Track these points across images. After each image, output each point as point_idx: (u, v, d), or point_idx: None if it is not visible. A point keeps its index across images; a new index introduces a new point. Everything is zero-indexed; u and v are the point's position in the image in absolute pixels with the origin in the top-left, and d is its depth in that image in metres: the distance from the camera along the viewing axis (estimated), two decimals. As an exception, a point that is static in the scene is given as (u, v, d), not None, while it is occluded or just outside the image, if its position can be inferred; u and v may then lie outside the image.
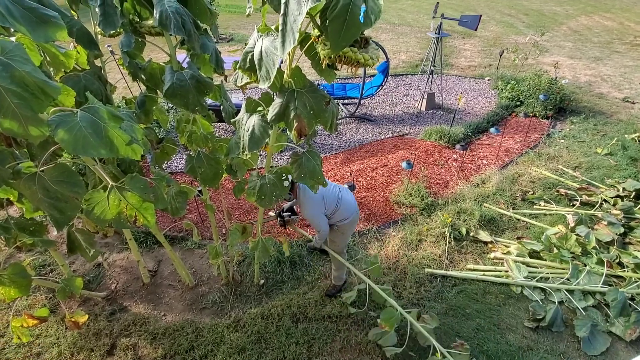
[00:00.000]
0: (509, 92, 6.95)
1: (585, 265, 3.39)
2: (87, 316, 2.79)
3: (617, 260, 3.41)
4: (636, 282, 3.19)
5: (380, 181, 4.77)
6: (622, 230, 3.66)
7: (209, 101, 4.91)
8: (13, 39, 1.39)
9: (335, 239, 2.94)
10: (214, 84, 2.24)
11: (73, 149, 1.25)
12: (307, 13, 1.24)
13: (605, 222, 3.75)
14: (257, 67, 1.61)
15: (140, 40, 2.16)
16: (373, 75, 6.91)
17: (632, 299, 3.06)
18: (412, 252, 3.70)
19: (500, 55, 8.07)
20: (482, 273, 3.49)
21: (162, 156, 2.80)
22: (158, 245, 3.78)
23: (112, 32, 1.84)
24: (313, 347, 2.84)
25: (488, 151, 5.51)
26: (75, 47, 2.01)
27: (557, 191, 4.54)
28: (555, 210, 4.20)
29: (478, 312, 3.11)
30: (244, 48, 1.85)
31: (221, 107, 2.61)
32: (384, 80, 6.34)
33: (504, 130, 6.00)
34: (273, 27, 1.70)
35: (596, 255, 3.46)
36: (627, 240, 3.69)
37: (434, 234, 3.86)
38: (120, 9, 1.86)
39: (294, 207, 3.05)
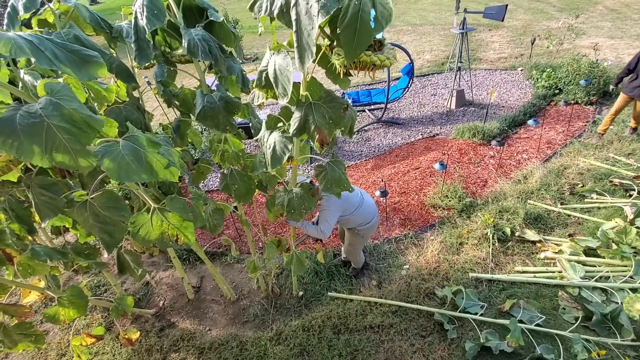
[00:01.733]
0: (545, 81, 6.57)
1: (652, 261, 3.06)
2: (139, 333, 2.94)
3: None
4: None
5: (414, 184, 4.65)
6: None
7: (238, 120, 5.09)
8: (60, 80, 1.53)
9: (355, 242, 3.09)
10: (241, 103, 2.32)
11: (117, 176, 1.33)
12: (320, 26, 1.26)
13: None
14: (273, 85, 1.65)
15: (172, 69, 2.29)
16: (398, 79, 6.83)
17: None
18: (454, 257, 3.55)
19: (532, 43, 7.67)
20: (532, 275, 3.27)
21: (198, 176, 2.93)
22: (200, 262, 3.92)
23: (146, 64, 1.97)
24: (356, 359, 2.79)
25: (527, 145, 5.21)
26: (115, 82, 2.18)
27: (610, 182, 4.19)
28: (610, 203, 3.87)
29: (531, 318, 2.91)
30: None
31: (250, 124, 2.69)
32: (409, 83, 6.24)
33: (543, 121, 5.66)
34: (285, 43, 1.75)
35: (663, 249, 3.13)
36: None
37: (475, 236, 3.68)
38: (152, 42, 1.99)
39: None
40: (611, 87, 5.17)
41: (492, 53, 8.82)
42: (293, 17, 1.24)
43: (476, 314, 2.96)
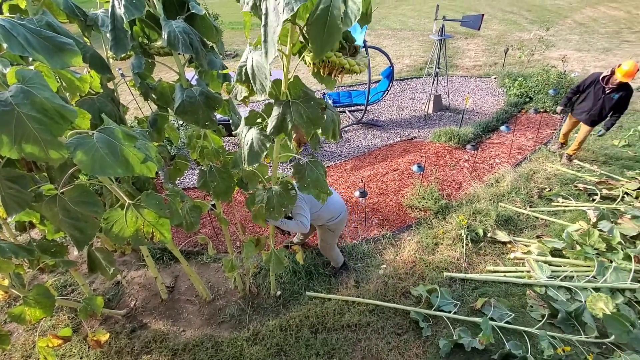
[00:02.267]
0: (517, 89, 6.87)
1: (612, 262, 3.27)
2: (108, 334, 2.82)
3: (644, 255, 3.28)
4: (667, 276, 3.06)
5: (392, 186, 4.74)
6: (645, 223, 3.53)
7: (218, 116, 5.00)
8: (32, 67, 1.45)
9: (327, 238, 3.16)
10: (222, 99, 2.28)
11: (91, 170, 1.28)
12: (295, 23, 1.25)
13: (629, 216, 3.62)
14: (251, 81, 1.64)
15: (150, 61, 2.22)
16: (378, 81, 6.93)
17: (664, 294, 2.93)
18: (429, 256, 3.64)
19: (506, 53, 8.00)
20: (502, 274, 3.40)
21: (175, 172, 2.86)
22: (174, 261, 3.82)
23: (123, 55, 1.89)
24: (334, 358, 2.80)
25: (500, 150, 5.43)
26: (89, 72, 2.08)
27: (575, 186, 4.43)
28: (575, 206, 4.09)
29: (501, 316, 3.02)
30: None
31: (230, 121, 2.65)
32: (389, 86, 6.35)
33: (514, 127, 5.92)
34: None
35: (622, 250, 3.34)
36: (652, 233, 3.55)
37: (450, 237, 3.79)
38: (130, 32, 1.92)
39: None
40: (559, 108, 4.84)
41: (468, 60, 9.13)
42: (263, 11, 1.24)
43: (450, 312, 3.05)
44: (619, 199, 4.06)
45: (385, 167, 5.14)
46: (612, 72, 4.13)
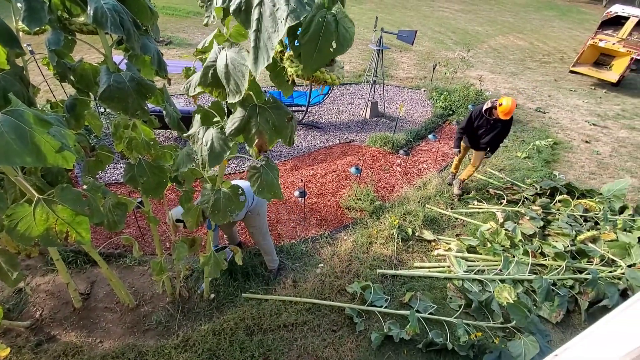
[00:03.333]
0: (443, 102, 7.55)
1: (514, 257, 3.78)
2: (8, 349, 2.41)
3: (539, 251, 3.86)
4: (556, 269, 3.64)
5: (330, 187, 4.85)
6: (541, 223, 4.16)
7: (150, 106, 4.60)
8: None
9: (255, 223, 3.09)
10: (156, 87, 2.11)
11: (-9, 157, 1.08)
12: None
13: (528, 217, 4.22)
14: (224, 81, 1.50)
15: (70, 38, 1.96)
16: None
17: (554, 284, 3.47)
18: (364, 255, 3.81)
19: (434, 69, 8.75)
20: (427, 270, 3.71)
21: (97, 165, 2.55)
22: (91, 265, 3.41)
23: (37, 28, 1.64)
24: (269, 359, 2.77)
25: (427, 156, 5.91)
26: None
27: (487, 191, 5.02)
28: (487, 209, 4.64)
29: (425, 308, 3.29)
30: (189, 53, 1.77)
31: (164, 112, 2.46)
32: (330, 89, 6.50)
33: (440, 136, 6.50)
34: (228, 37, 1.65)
35: (522, 247, 3.88)
36: (546, 232, 4.19)
37: (383, 236, 4.01)
38: (48, 4, 1.67)
39: None
40: (455, 150, 4.83)
41: (402, 72, 9.79)
42: (255, 16, 1.15)
43: (381, 306, 3.23)
44: (520, 203, 4.71)
45: (324, 169, 5.25)
46: (493, 107, 4.25)
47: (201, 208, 2.43)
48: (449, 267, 3.73)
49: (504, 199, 4.81)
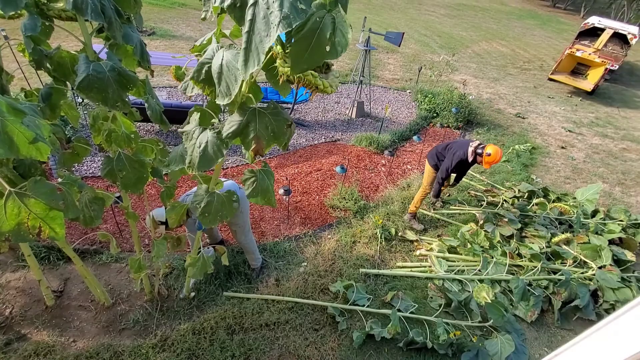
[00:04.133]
0: (427, 105, 7.66)
1: (493, 257, 3.87)
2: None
3: (517, 252, 3.97)
4: (532, 270, 3.76)
5: (315, 185, 4.84)
6: (519, 226, 4.28)
7: (131, 98, 4.46)
8: None
9: (238, 221, 3.05)
10: (138, 79, 2.04)
11: (-44, 146, 1.01)
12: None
13: (507, 219, 4.34)
14: (216, 82, 1.45)
15: (47, 24, 1.86)
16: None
17: (530, 284, 3.58)
18: (347, 254, 3.82)
19: (419, 71, 8.87)
20: (409, 269, 3.75)
21: (73, 157, 2.45)
22: (64, 261, 3.28)
23: (12, 12, 1.55)
24: (250, 359, 2.74)
25: (411, 157, 5.98)
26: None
27: (468, 193, 5.13)
28: (468, 210, 4.74)
29: (407, 307, 3.33)
30: (173, 45, 1.71)
31: (146, 105, 2.38)
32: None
33: (424, 138, 6.60)
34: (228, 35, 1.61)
35: (500, 248, 3.99)
36: (523, 234, 4.32)
37: (366, 236, 4.04)
38: (22, -15, 1.58)
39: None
40: (437, 203, 4.61)
41: (388, 73, 9.87)
42: (248, 17, 1.10)
43: (364, 305, 3.24)
44: (499, 205, 4.83)
45: (310, 167, 5.23)
46: (478, 154, 3.79)
47: (187, 207, 2.37)
48: (430, 267, 3.79)
49: (484, 200, 4.93)
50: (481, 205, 4.89)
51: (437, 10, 20.04)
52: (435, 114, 7.51)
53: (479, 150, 3.78)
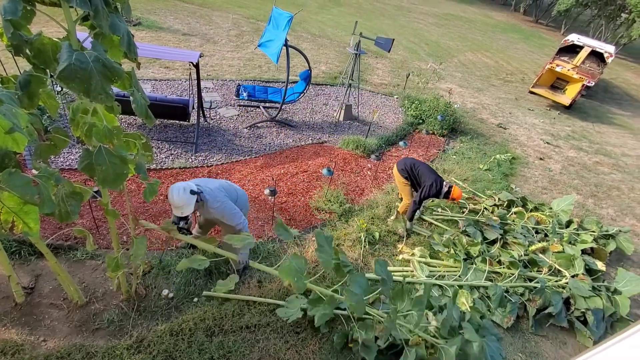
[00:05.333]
0: (414, 111, 7.77)
1: (473, 264, 3.95)
2: None
3: (497, 259, 4.07)
4: (509, 277, 3.86)
5: (301, 187, 4.82)
6: (501, 231, 4.40)
7: (115, 90, 4.32)
8: None
9: (229, 230, 3.08)
10: (124, 71, 1.98)
11: None
12: None
13: (489, 226, 4.44)
14: None
15: (29, 8, 1.77)
16: (295, 82, 6.99)
17: (507, 291, 3.68)
18: (331, 257, 3.81)
19: (407, 78, 8.99)
20: (391, 274, 3.78)
21: (50, 149, 2.34)
22: (36, 257, 3.14)
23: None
24: (229, 361, 2.69)
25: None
26: None
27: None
28: (450, 216, 4.83)
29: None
30: (159, 36, 1.66)
31: (131, 98, 2.30)
32: (305, 88, 6.47)
33: (410, 144, 6.68)
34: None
35: (480, 254, 4.08)
36: (504, 240, 4.43)
37: (350, 239, 4.05)
38: (2, -35, 1.50)
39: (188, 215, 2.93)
40: (410, 226, 4.36)
41: (376, 78, 9.96)
42: None
43: (345, 309, 3.24)
44: (480, 212, 4.94)
45: (296, 168, 5.21)
46: (448, 191, 4.04)
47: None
48: (412, 271, 3.83)
49: (466, 208, 5.03)
50: (463, 212, 4.99)
51: (426, 19, 20.41)
52: (421, 121, 7.62)
53: (446, 190, 4.05)
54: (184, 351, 2.67)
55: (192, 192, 2.67)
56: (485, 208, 5.03)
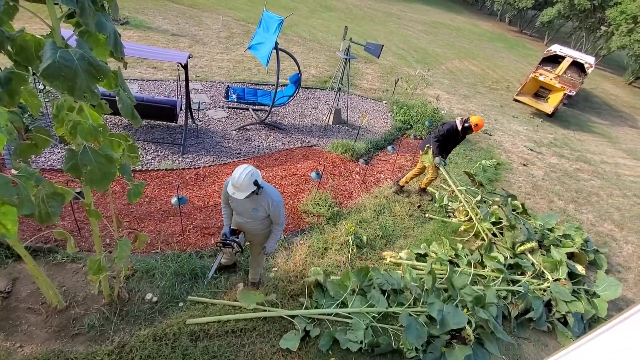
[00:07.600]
0: (402, 116, 7.87)
1: (459, 267, 4.01)
2: None
3: (479, 261, 4.14)
4: (494, 280, 3.92)
5: (289, 190, 4.81)
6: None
7: (101, 89, 4.23)
8: None
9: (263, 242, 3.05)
10: (110, 70, 1.94)
11: None
12: None
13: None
14: None
15: (11, 4, 1.73)
16: (285, 85, 6.99)
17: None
18: (319, 260, 3.81)
19: (396, 83, 9.10)
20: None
21: (31, 149, 2.28)
22: (13, 260, 3.03)
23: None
24: (214, 366, 2.65)
25: (385, 167, 6.10)
26: None
27: (441, 206, 5.28)
28: (440, 219, 4.88)
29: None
30: (147, 36, 1.64)
31: (117, 97, 2.26)
32: (295, 91, 6.47)
33: (398, 149, 6.75)
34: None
35: (465, 257, 4.14)
36: (492, 241, 4.51)
37: (338, 242, 4.05)
38: (-16, -42, 1.46)
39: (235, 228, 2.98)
40: (438, 160, 4.78)
41: (366, 83, 10.05)
42: None
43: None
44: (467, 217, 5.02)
45: (284, 171, 5.19)
46: (466, 122, 4.72)
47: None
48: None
49: (452, 212, 5.10)
50: (449, 217, 5.06)
51: (415, 26, 20.74)
52: (409, 126, 7.72)
53: (467, 124, 4.73)
54: (168, 356, 2.61)
55: (255, 183, 2.56)
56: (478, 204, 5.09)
